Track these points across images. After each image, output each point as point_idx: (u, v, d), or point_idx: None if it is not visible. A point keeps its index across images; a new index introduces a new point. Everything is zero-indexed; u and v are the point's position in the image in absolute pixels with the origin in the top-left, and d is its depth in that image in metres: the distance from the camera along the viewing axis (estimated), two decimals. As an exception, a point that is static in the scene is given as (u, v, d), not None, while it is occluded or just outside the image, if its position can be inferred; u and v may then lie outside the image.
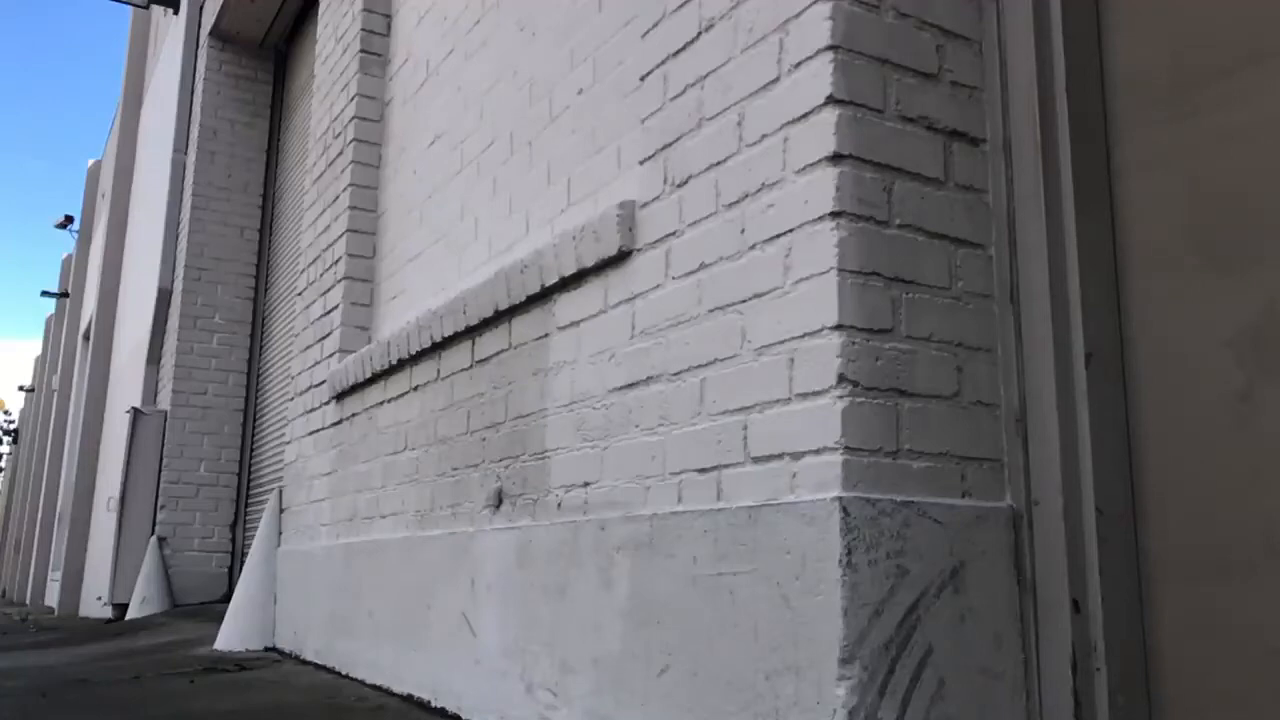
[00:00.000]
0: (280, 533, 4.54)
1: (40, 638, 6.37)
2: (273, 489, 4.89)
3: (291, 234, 6.85)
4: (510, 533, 2.54)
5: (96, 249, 13.19)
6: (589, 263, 2.33)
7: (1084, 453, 1.73)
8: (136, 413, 7.33)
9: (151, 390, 7.94)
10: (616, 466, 2.18)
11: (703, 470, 1.91)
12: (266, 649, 4.33)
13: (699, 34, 2.07)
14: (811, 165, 1.74)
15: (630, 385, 2.16)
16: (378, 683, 3.23)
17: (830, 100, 1.72)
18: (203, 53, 7.99)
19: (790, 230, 1.77)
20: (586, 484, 2.28)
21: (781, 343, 1.76)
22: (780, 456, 1.73)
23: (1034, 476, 1.77)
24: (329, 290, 4.26)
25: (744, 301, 1.86)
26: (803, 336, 1.71)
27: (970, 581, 1.69)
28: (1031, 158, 1.84)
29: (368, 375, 3.62)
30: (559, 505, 2.38)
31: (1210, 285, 1.66)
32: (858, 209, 1.70)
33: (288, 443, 4.64)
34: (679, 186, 2.08)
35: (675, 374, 2.02)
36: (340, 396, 3.95)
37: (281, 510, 4.58)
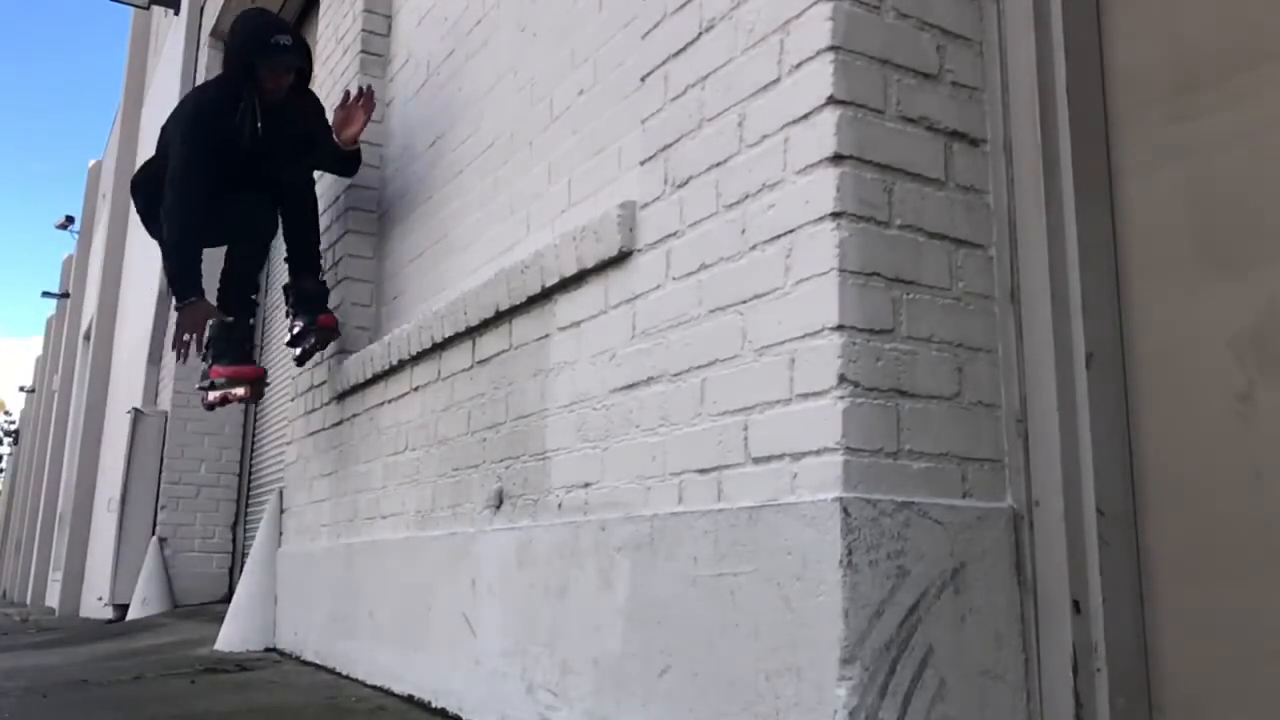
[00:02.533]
0: (281, 533, 4.55)
1: (41, 638, 6.37)
2: (273, 489, 4.89)
3: (292, 234, 6.84)
4: (511, 533, 2.54)
5: (97, 250, 13.20)
6: (589, 263, 2.33)
7: (1084, 453, 1.73)
8: (137, 413, 7.33)
9: (152, 390, 7.94)
10: (617, 467, 2.18)
11: (703, 471, 1.91)
12: (267, 649, 4.33)
13: (699, 34, 2.07)
14: (812, 166, 1.74)
15: (631, 386, 2.16)
16: (378, 683, 3.23)
17: (831, 100, 1.72)
18: (203, 53, 7.99)
19: (791, 231, 1.77)
20: (587, 484, 2.28)
21: (782, 343, 1.76)
22: (781, 457, 1.73)
23: (1034, 477, 1.77)
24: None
25: (744, 302, 1.86)
26: (803, 337, 1.71)
27: (971, 582, 1.69)
28: (1032, 158, 1.84)
29: (368, 376, 3.62)
30: (559, 506, 2.38)
31: (1210, 285, 1.66)
32: (858, 209, 1.70)
33: (288, 443, 4.64)
34: (679, 187, 2.08)
35: (676, 374, 2.02)
36: (341, 397, 3.95)
37: (282, 511, 4.58)
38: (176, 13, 9.06)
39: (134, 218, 10.29)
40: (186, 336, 3.63)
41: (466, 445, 2.88)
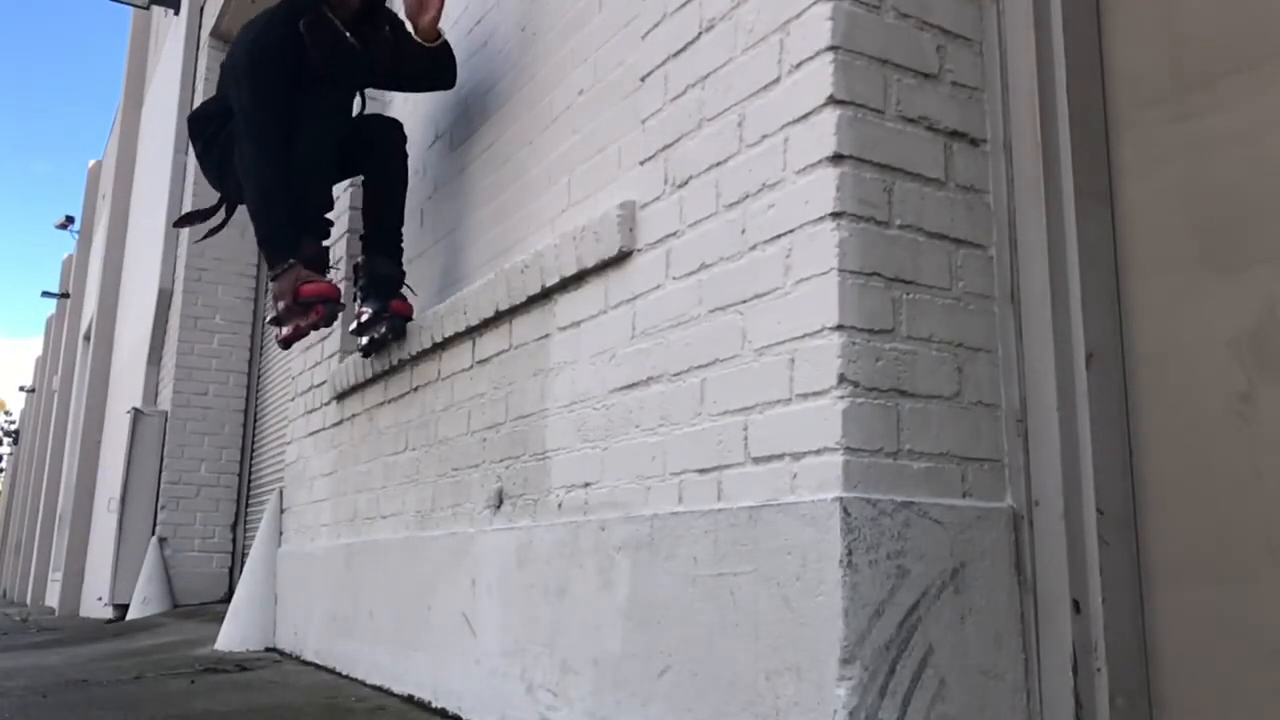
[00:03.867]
0: (281, 533, 4.55)
1: (40, 638, 6.37)
2: (273, 489, 4.89)
3: (292, 234, 6.83)
4: (510, 533, 2.54)
5: (97, 249, 13.20)
6: (589, 263, 2.33)
7: (1084, 453, 1.73)
8: (137, 413, 7.33)
9: (152, 391, 7.94)
10: (617, 467, 2.18)
11: (703, 471, 1.91)
12: (267, 649, 4.33)
13: (699, 34, 2.07)
14: (812, 165, 1.74)
15: (631, 386, 2.16)
16: (378, 683, 3.23)
17: (831, 100, 1.72)
18: (203, 53, 7.99)
19: (791, 231, 1.77)
20: (587, 484, 2.28)
21: (782, 343, 1.76)
22: (781, 457, 1.73)
23: (1034, 477, 1.77)
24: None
25: (744, 302, 1.86)
26: (803, 337, 1.71)
27: (971, 582, 1.69)
28: (1032, 158, 1.84)
29: (368, 375, 3.62)
30: (559, 505, 2.38)
31: (1210, 285, 1.66)
32: (858, 209, 1.70)
33: (288, 443, 4.64)
34: (679, 187, 2.08)
35: (676, 374, 2.02)
36: (341, 397, 3.95)
37: (282, 510, 4.58)
38: (176, 13, 9.06)
39: (134, 218, 10.30)
40: (277, 309, 3.14)
41: (466, 445, 2.88)
